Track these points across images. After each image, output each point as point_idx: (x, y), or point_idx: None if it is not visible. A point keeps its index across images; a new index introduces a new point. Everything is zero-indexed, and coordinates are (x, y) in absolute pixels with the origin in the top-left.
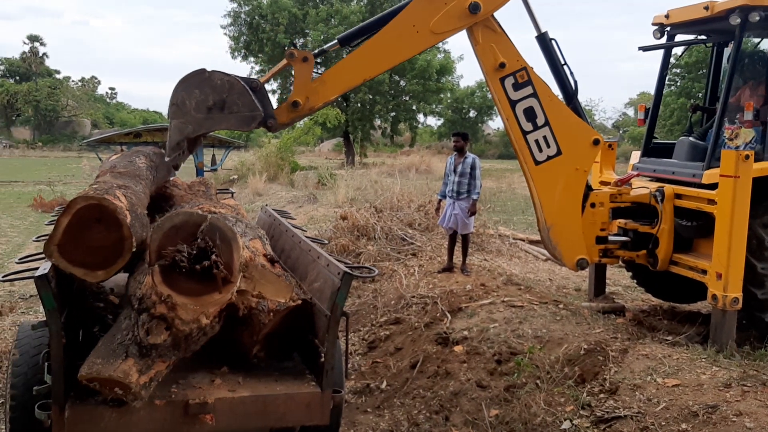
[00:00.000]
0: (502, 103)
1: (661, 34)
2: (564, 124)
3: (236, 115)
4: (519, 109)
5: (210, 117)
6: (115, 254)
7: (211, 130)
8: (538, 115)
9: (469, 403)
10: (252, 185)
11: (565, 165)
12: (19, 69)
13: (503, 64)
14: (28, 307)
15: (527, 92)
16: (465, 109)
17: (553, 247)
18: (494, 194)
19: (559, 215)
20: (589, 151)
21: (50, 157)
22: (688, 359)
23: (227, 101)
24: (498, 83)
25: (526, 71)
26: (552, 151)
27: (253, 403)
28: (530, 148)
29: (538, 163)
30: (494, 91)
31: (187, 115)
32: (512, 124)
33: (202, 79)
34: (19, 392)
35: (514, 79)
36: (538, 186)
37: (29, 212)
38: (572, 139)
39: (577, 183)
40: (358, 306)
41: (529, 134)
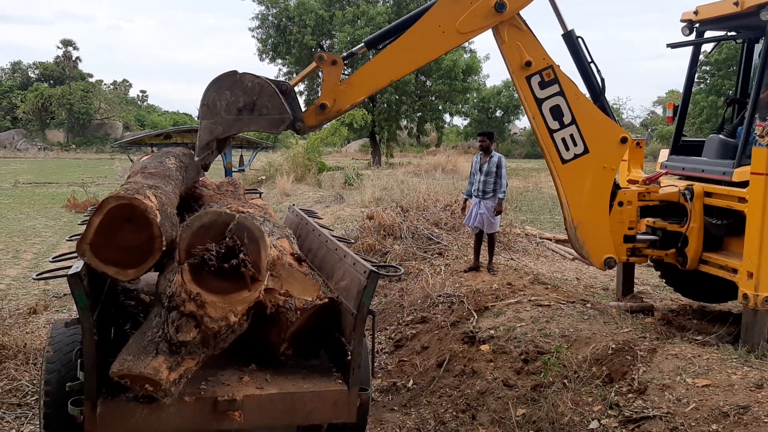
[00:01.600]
0: (528, 101)
1: (690, 30)
2: (591, 123)
3: (265, 118)
4: (545, 108)
5: (240, 118)
6: (145, 253)
7: (241, 131)
8: (564, 114)
9: (496, 402)
10: (280, 185)
11: (592, 163)
12: (53, 73)
13: (529, 62)
14: (62, 306)
15: (554, 90)
16: (491, 109)
17: (580, 246)
18: (521, 193)
19: (586, 214)
20: (616, 149)
21: (83, 159)
22: (718, 359)
23: (257, 103)
24: (524, 81)
25: (552, 69)
26: (579, 149)
27: (281, 401)
28: (557, 146)
29: (565, 161)
30: (520, 90)
31: (218, 115)
32: (539, 122)
33: (233, 80)
34: (52, 388)
35: (540, 77)
36: (565, 184)
37: (63, 212)
38: (599, 137)
39: (604, 181)
40: (385, 305)
41: (556, 132)
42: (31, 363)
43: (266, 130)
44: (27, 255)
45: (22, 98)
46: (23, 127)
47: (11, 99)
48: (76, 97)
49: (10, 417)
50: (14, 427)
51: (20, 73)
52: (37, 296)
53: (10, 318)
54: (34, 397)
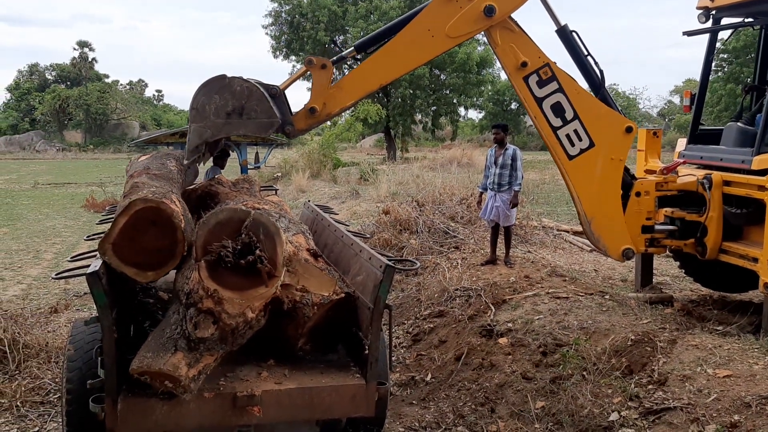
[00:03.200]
0: (528, 101)
1: (707, 18)
2: (594, 116)
3: (254, 121)
4: (546, 106)
5: (229, 122)
6: (166, 257)
7: (230, 134)
8: (566, 110)
9: (515, 395)
10: (295, 182)
11: (599, 156)
12: (69, 74)
13: (525, 63)
14: (82, 304)
15: (553, 88)
16: (506, 102)
17: (597, 240)
18: (537, 186)
19: (598, 207)
20: (622, 139)
21: (101, 159)
22: (739, 349)
23: (246, 107)
24: (522, 82)
25: (549, 67)
26: (584, 144)
27: (300, 396)
28: (562, 143)
29: (572, 157)
30: (519, 90)
31: (207, 119)
32: (541, 121)
33: (222, 84)
34: (74, 386)
35: (538, 76)
36: (575, 180)
37: (82, 212)
38: (604, 129)
39: (614, 173)
40: (402, 299)
41: (559, 130)
42: (53, 361)
43: (255, 134)
44: (47, 255)
45: (40, 100)
46: (41, 129)
47: (29, 101)
48: (93, 97)
49: (33, 415)
50: (38, 425)
51: (37, 75)
52: (57, 295)
53: (32, 317)
54: (56, 395)
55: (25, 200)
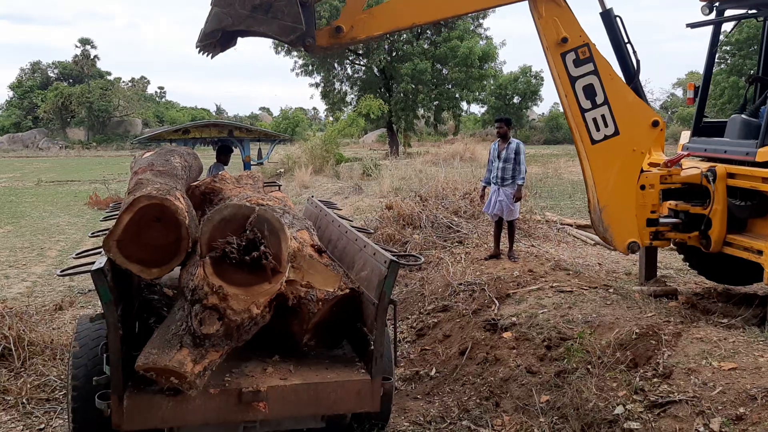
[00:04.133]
0: (561, 78)
1: (710, 9)
2: (623, 104)
3: (278, 22)
4: (579, 86)
5: (253, 16)
6: (171, 253)
7: (250, 29)
8: (597, 93)
9: (519, 389)
10: (298, 178)
11: (622, 146)
12: (72, 72)
13: (565, 38)
14: (87, 301)
15: (588, 69)
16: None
17: (605, 230)
18: (540, 180)
19: (612, 197)
20: (647, 132)
21: (104, 156)
22: (744, 342)
23: (274, 6)
24: (559, 58)
25: (588, 47)
26: (610, 130)
27: (305, 391)
28: (587, 126)
29: (595, 142)
30: (554, 67)
31: (231, 7)
32: (571, 100)
33: None
34: (80, 383)
35: (576, 54)
36: (593, 166)
37: (86, 210)
38: (631, 119)
39: (633, 165)
40: (406, 294)
41: (587, 112)
42: (59, 358)
43: (276, 36)
44: (51, 252)
45: (43, 98)
46: (44, 127)
47: (32, 99)
48: (96, 95)
49: (39, 412)
50: (43, 421)
51: (40, 73)
52: (62, 293)
53: (37, 315)
54: (62, 392)
55: (28, 198)
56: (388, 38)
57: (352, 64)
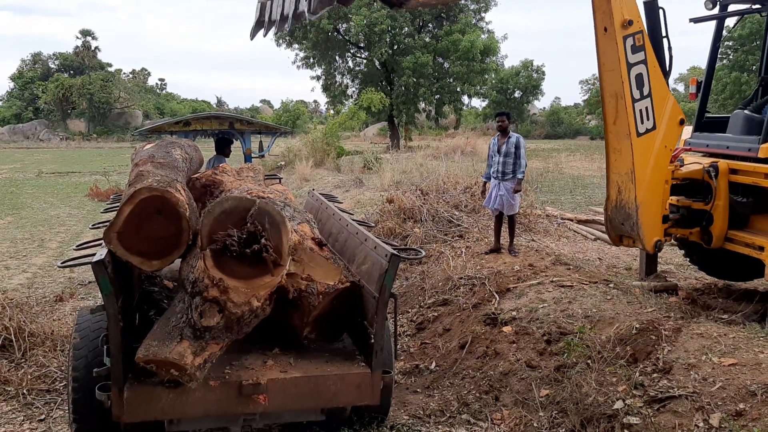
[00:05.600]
0: (622, 64)
1: (713, 4)
2: (662, 99)
3: None
4: (633, 74)
5: None
6: (171, 246)
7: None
8: (644, 84)
9: (519, 383)
10: (299, 171)
11: (657, 141)
12: (72, 63)
13: (631, 21)
14: (88, 293)
15: (640, 57)
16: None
17: (638, 227)
18: (541, 174)
19: (647, 193)
20: (676, 129)
21: (105, 148)
22: (745, 338)
23: None
24: (621, 41)
25: (642, 35)
26: (650, 124)
27: (305, 384)
28: (636, 118)
29: (639, 135)
30: (617, 49)
31: None
32: (626, 88)
33: None
34: (80, 374)
35: (634, 40)
36: (638, 161)
37: (86, 201)
38: (665, 115)
39: (665, 161)
40: (407, 288)
41: (637, 102)
42: (59, 350)
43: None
44: (52, 244)
45: (43, 89)
46: (45, 118)
47: (32, 90)
48: (96, 86)
49: (39, 403)
50: (44, 412)
51: (41, 64)
52: (63, 284)
53: (38, 306)
54: (62, 384)
55: (29, 189)
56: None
57: (354, 57)
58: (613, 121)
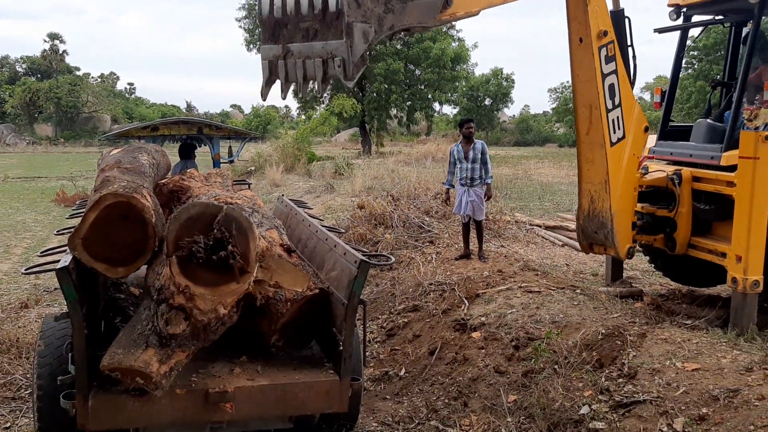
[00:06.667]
0: (597, 74)
1: (677, 15)
2: (630, 107)
3: (417, 4)
4: (606, 84)
5: (390, 9)
6: (137, 252)
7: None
8: (616, 94)
9: (488, 389)
10: (269, 176)
11: (627, 150)
12: (40, 67)
13: (606, 32)
14: (53, 300)
15: (612, 68)
16: (480, 97)
17: (613, 235)
18: (510, 181)
19: (620, 202)
20: (642, 137)
21: (72, 153)
22: (708, 343)
23: None
24: (597, 52)
25: (614, 45)
26: (620, 134)
27: (273, 392)
28: (609, 128)
29: (612, 144)
30: (593, 60)
31: (366, 10)
32: (601, 99)
33: None
34: (45, 382)
35: (607, 50)
36: (612, 170)
37: (52, 207)
38: (633, 123)
39: (634, 169)
40: (377, 294)
41: (610, 112)
42: (24, 357)
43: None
44: (17, 250)
45: (10, 93)
46: (11, 122)
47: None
48: (64, 90)
49: (4, 410)
50: (9, 420)
51: (8, 68)
52: (28, 290)
53: (2, 313)
54: (27, 391)
55: None
56: None
57: None
58: (586, 131)
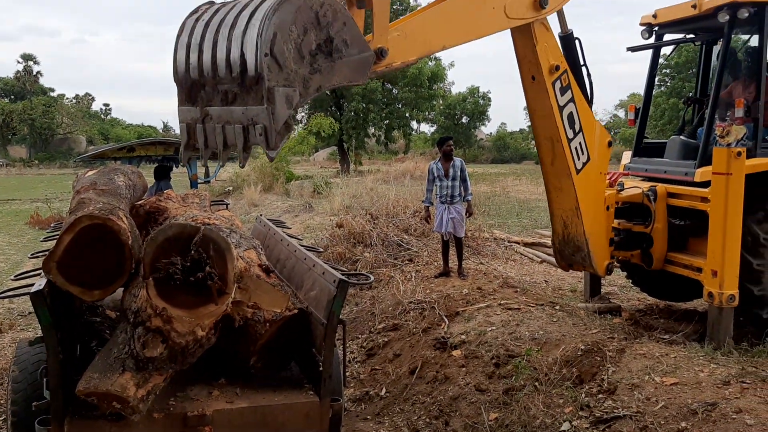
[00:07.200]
0: (554, 108)
1: (650, 34)
2: (591, 128)
3: (347, 61)
4: (564, 115)
5: (316, 69)
6: (113, 275)
7: (321, 91)
8: (575, 122)
9: (469, 407)
10: (247, 196)
11: (594, 170)
12: (13, 88)
13: (558, 66)
14: (27, 324)
15: (568, 97)
16: (457, 115)
17: (590, 258)
18: (488, 198)
19: (594, 224)
20: (606, 153)
21: (47, 175)
22: (685, 357)
23: (334, 38)
24: (551, 87)
25: (567, 73)
26: (585, 158)
27: (252, 414)
28: (573, 157)
29: (579, 171)
30: (548, 96)
31: (289, 71)
32: (561, 131)
33: (297, 6)
34: (19, 408)
35: (561, 82)
36: (581, 196)
37: (26, 230)
38: (596, 142)
39: (602, 187)
40: (356, 313)
41: (571, 141)
42: None
43: (348, 82)
44: None
45: None
46: None
47: None
48: (38, 111)
49: None
50: None
51: None
52: (1, 315)
53: None
54: (1, 417)
55: None
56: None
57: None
58: (551, 161)
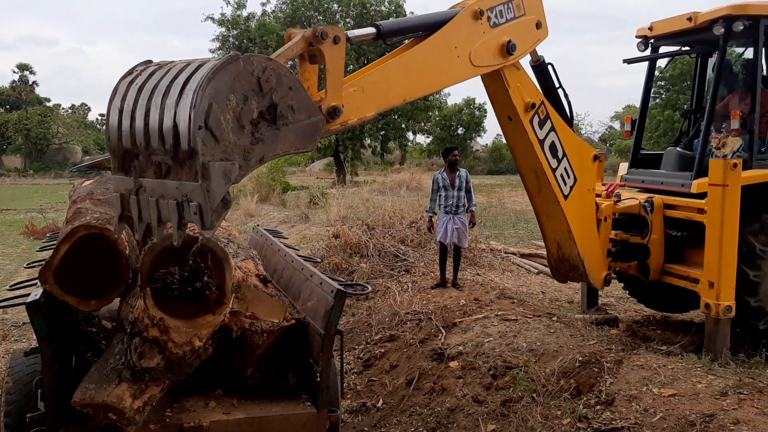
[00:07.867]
0: (534, 144)
1: (645, 46)
2: (574, 150)
3: (294, 128)
4: (546, 147)
5: (259, 139)
6: (110, 285)
7: (265, 161)
8: (558, 149)
9: (466, 418)
10: (244, 206)
11: (582, 190)
12: (9, 98)
13: (533, 104)
14: (21, 335)
15: (548, 127)
16: (453, 126)
17: (587, 275)
18: (485, 209)
19: (588, 243)
20: (592, 168)
21: (42, 185)
22: (683, 369)
23: (278, 104)
24: (529, 125)
25: (544, 105)
26: (572, 180)
27: (249, 425)
28: (559, 184)
29: (566, 197)
30: (525, 134)
31: (227, 143)
32: (545, 164)
33: (236, 72)
34: (12, 420)
35: (538, 116)
36: (572, 220)
37: (21, 240)
38: (581, 162)
39: (591, 204)
40: (353, 324)
41: (555, 171)
42: None
43: (295, 150)
44: None
45: None
46: None
47: None
48: (34, 121)
49: None
50: None
51: None
52: None
53: None
54: None
55: None
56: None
57: None
58: (537, 191)
